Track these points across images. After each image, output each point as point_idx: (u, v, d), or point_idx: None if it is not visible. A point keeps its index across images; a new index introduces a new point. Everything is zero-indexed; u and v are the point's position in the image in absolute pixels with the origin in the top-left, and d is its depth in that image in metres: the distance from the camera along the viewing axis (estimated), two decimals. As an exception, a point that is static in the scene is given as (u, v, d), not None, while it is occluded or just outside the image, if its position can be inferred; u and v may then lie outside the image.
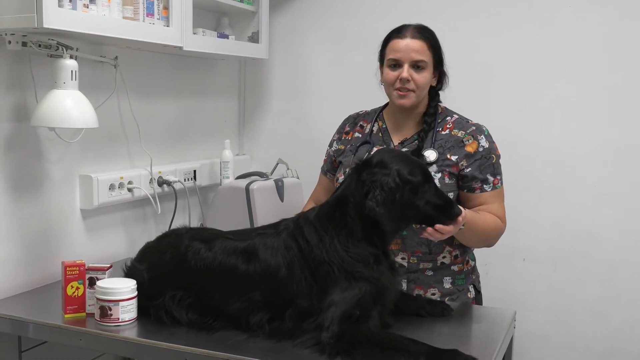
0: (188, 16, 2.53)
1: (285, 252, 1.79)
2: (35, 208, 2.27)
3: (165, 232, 2.12)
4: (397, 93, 2.14)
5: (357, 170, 1.84)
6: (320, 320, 1.69)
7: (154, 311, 1.88)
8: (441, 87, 2.24)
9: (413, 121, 2.23)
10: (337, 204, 1.83)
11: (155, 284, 1.90)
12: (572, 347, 2.97)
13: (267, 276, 1.78)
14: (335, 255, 1.75)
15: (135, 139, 2.66)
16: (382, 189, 1.75)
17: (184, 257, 1.87)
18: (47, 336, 1.96)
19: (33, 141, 2.24)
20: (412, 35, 2.12)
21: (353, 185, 1.82)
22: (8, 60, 2.12)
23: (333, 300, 1.70)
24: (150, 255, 1.99)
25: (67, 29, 1.97)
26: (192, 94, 3.07)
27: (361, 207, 1.77)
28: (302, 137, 3.33)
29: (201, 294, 1.84)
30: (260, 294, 1.78)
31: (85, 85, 2.18)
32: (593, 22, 2.82)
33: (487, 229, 2.13)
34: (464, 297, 2.24)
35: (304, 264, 1.76)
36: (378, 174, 1.78)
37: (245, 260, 1.81)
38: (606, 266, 2.90)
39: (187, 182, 2.91)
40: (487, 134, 2.19)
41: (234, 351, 1.68)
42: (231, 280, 1.81)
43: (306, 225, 1.82)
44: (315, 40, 3.31)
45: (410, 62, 2.11)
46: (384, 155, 1.85)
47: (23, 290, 2.21)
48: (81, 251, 2.44)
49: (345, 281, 1.72)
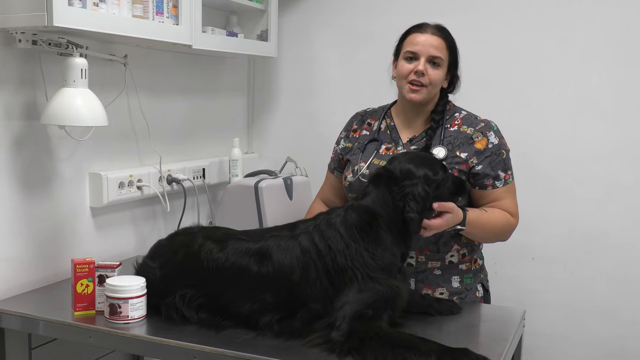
0: (197, 14, 2.53)
1: (301, 255, 1.79)
2: (45, 206, 2.27)
3: (178, 230, 2.13)
4: (409, 87, 2.13)
5: (386, 183, 1.85)
6: (332, 320, 1.69)
7: (164, 309, 1.88)
8: (452, 90, 2.24)
9: (422, 119, 2.22)
10: (367, 214, 1.82)
11: (167, 282, 1.90)
12: (582, 346, 2.96)
13: (280, 278, 1.78)
14: (362, 262, 1.75)
15: (145, 137, 2.66)
16: (416, 200, 1.80)
17: (196, 257, 1.87)
18: (57, 333, 1.96)
19: (43, 139, 2.25)
20: (432, 32, 2.14)
21: (383, 199, 1.83)
22: (19, 58, 2.12)
23: (347, 300, 1.70)
24: (163, 253, 1.99)
25: (77, 27, 1.97)
26: (201, 92, 3.07)
27: (393, 220, 1.81)
28: (310, 135, 3.33)
29: (212, 293, 1.84)
30: (272, 296, 1.78)
31: (95, 84, 2.18)
32: (603, 19, 2.81)
33: (496, 226, 2.13)
34: (472, 296, 2.23)
35: (322, 268, 1.76)
36: (408, 186, 1.82)
37: (258, 262, 1.81)
38: (616, 265, 2.88)
39: (196, 180, 2.91)
40: (496, 129, 2.19)
41: (243, 349, 1.68)
42: (243, 281, 1.81)
43: (330, 230, 1.81)
44: (323, 38, 3.31)
45: (427, 57, 2.12)
46: (403, 162, 1.88)
47: (33, 287, 2.22)
48: (91, 249, 2.44)
49: (364, 284, 1.73)
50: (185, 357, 1.73)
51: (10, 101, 2.11)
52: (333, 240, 1.78)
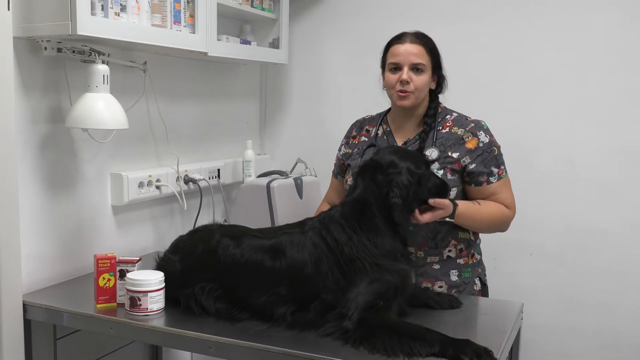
0: (213, 23, 2.54)
1: (312, 249, 1.80)
2: (69, 204, 2.28)
3: (197, 227, 2.14)
4: (398, 94, 2.15)
5: (371, 173, 1.88)
6: (344, 310, 1.70)
7: (184, 299, 1.89)
8: (440, 91, 2.25)
9: (414, 122, 2.23)
10: (359, 204, 1.85)
11: (187, 274, 1.91)
12: (578, 339, 2.95)
13: (293, 272, 1.79)
14: (366, 251, 1.77)
15: (163, 140, 2.67)
16: (400, 187, 1.83)
17: (214, 252, 1.89)
18: (80, 325, 1.98)
19: (67, 141, 2.26)
20: (411, 41, 2.15)
21: (371, 187, 1.86)
22: (44, 65, 2.13)
23: (359, 291, 1.72)
24: (183, 247, 2.00)
25: (100, 35, 1.98)
26: (216, 97, 3.08)
27: (383, 206, 1.83)
28: (319, 137, 3.33)
29: (229, 286, 1.86)
30: (286, 289, 1.79)
31: (116, 89, 2.20)
32: (598, 27, 2.80)
33: (488, 217, 2.14)
34: (470, 290, 2.23)
35: (333, 260, 1.77)
36: (392, 174, 1.85)
37: (272, 257, 1.82)
38: (611, 260, 2.87)
39: (212, 180, 2.92)
40: (486, 128, 2.19)
41: (257, 340, 1.68)
42: (258, 276, 1.82)
43: (332, 224, 1.84)
44: (333, 46, 3.31)
45: (409, 65, 2.13)
46: (389, 154, 1.91)
47: (58, 281, 2.23)
48: (112, 245, 2.45)
49: (374, 274, 1.74)
50: (202, 347, 1.74)
51: (37, 106, 2.12)
52: (337, 233, 1.81)
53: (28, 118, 2.10)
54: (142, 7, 2.18)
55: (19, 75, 2.04)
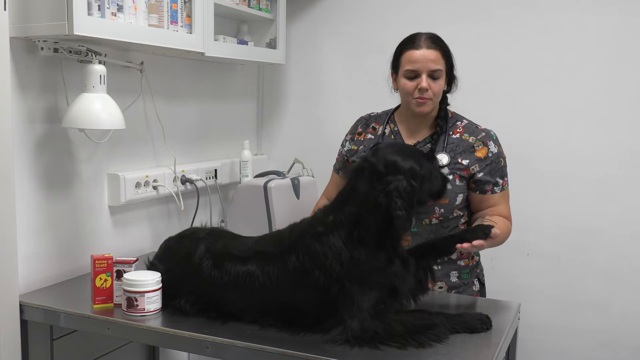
0: (210, 24, 2.53)
1: (286, 277, 1.72)
2: (66, 205, 2.27)
3: (186, 230, 2.10)
4: (417, 102, 2.10)
5: (368, 177, 1.73)
6: (342, 320, 1.66)
7: (172, 310, 1.88)
8: (450, 90, 2.22)
9: (426, 125, 2.21)
10: (352, 216, 1.72)
11: (172, 286, 1.90)
12: (575, 338, 2.95)
13: (272, 299, 1.75)
14: (356, 271, 1.67)
15: (160, 140, 2.66)
16: (402, 197, 1.66)
17: (197, 269, 1.85)
18: (77, 325, 1.97)
19: (64, 141, 2.25)
20: (427, 46, 2.08)
21: (366, 197, 1.71)
22: (41, 65, 2.12)
23: (357, 300, 1.66)
24: (170, 257, 1.98)
25: (96, 35, 1.97)
26: (213, 97, 3.07)
27: (378, 219, 1.69)
28: (316, 138, 3.33)
29: (214, 301, 1.83)
30: (272, 307, 1.76)
31: (113, 89, 2.19)
32: (596, 27, 2.79)
33: (505, 235, 2.12)
34: (469, 290, 2.23)
35: (313, 285, 1.69)
36: (392, 182, 1.68)
37: (250, 283, 1.76)
38: (607, 260, 2.87)
39: (209, 180, 2.91)
40: (495, 138, 2.18)
41: (254, 340, 1.68)
42: (241, 296, 1.79)
43: (314, 243, 1.71)
44: (329, 46, 3.30)
45: (427, 72, 2.07)
46: (387, 155, 1.75)
47: (55, 282, 2.22)
48: (109, 245, 2.44)
49: (364, 287, 1.68)
50: (198, 347, 1.73)
51: (33, 106, 2.11)
52: (321, 254, 1.69)
53: (25, 118, 2.08)
54: (139, 7, 2.17)
55: (16, 76, 2.03)
